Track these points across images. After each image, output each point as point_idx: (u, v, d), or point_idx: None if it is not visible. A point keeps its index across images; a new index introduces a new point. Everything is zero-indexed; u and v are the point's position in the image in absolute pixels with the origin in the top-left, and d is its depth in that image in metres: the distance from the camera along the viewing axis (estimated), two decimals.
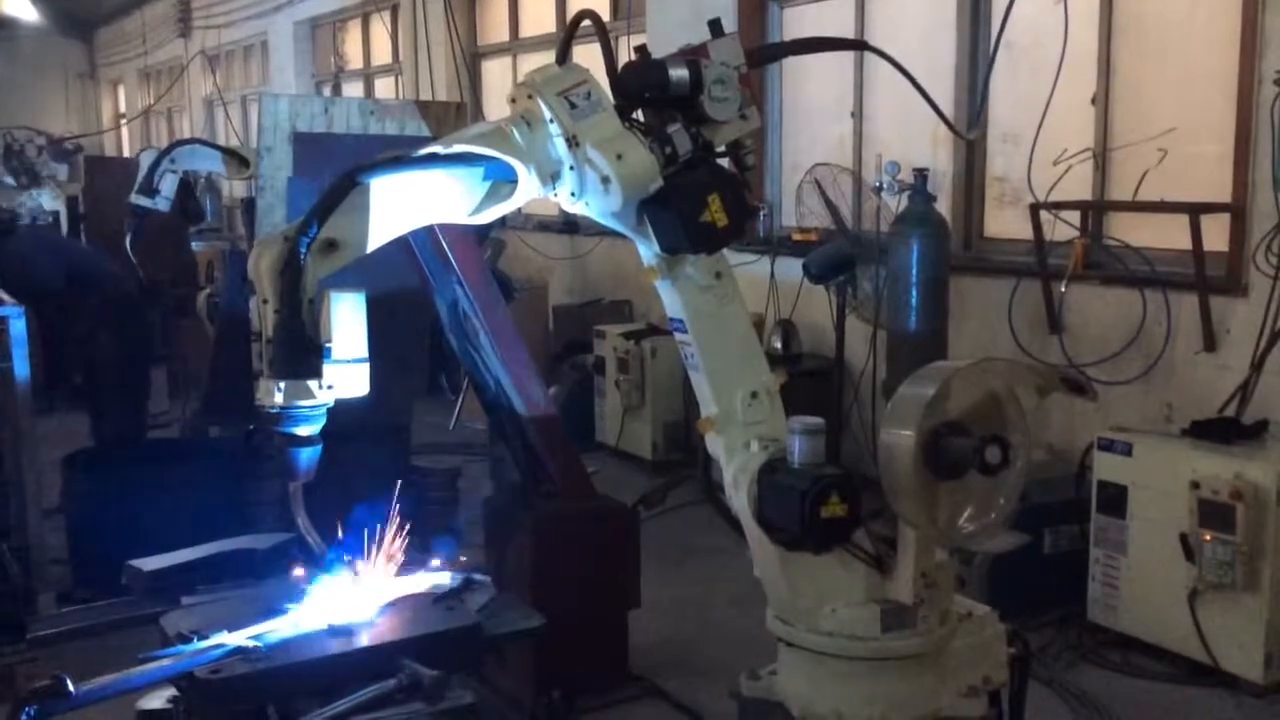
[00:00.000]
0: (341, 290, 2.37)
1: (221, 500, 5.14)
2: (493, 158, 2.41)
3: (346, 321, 2.37)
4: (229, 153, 6.47)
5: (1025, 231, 5.79)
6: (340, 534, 2.69)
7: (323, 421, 2.40)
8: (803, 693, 2.60)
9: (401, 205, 2.40)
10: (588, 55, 2.50)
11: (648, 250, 2.55)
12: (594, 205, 2.47)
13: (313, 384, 2.33)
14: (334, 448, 2.48)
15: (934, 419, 2.39)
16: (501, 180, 2.45)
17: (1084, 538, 4.80)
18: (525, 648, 3.77)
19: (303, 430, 2.37)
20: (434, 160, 2.39)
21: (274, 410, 2.34)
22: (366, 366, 2.40)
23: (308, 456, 2.41)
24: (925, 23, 6.59)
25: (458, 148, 2.40)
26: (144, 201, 6.16)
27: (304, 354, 2.31)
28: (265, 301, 2.30)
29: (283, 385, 2.32)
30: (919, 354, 5.10)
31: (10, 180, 12.34)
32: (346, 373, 2.37)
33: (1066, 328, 5.69)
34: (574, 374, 8.10)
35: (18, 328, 4.66)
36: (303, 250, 2.26)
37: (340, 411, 2.42)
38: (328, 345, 2.34)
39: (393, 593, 2.71)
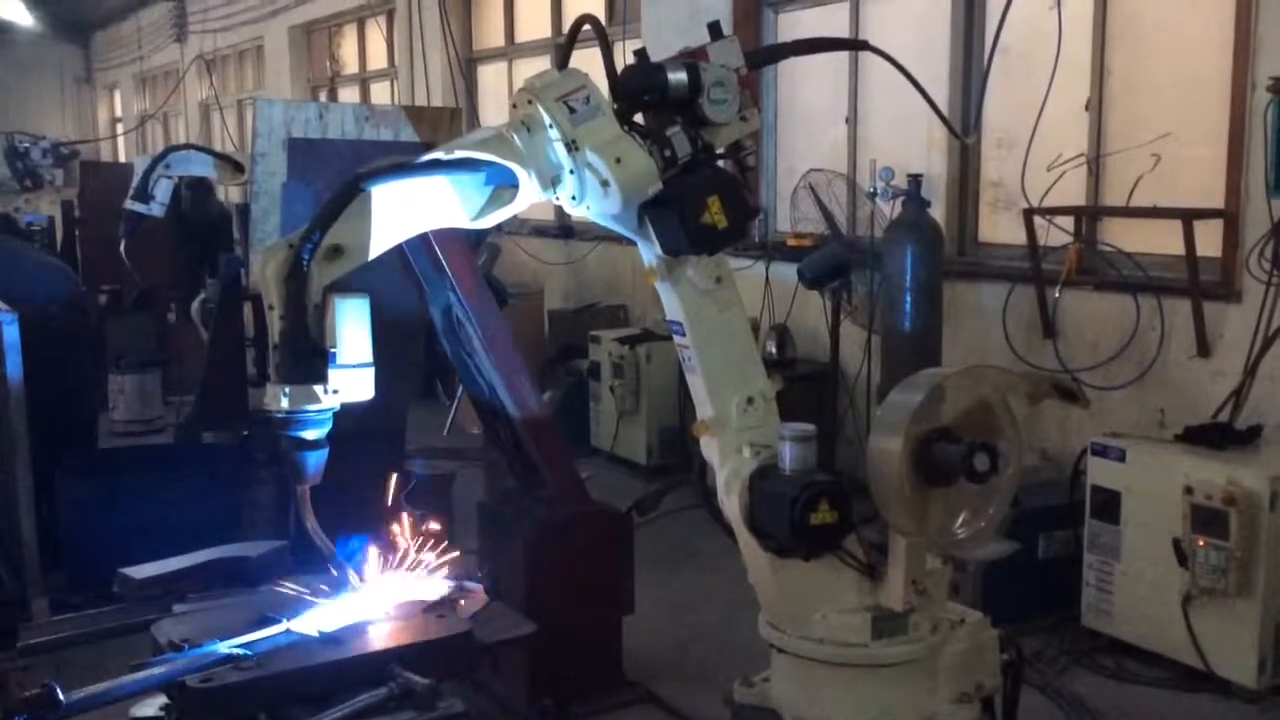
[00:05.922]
0: (346, 296, 2.38)
1: (215, 507, 5.12)
2: (494, 163, 2.42)
3: (351, 326, 2.40)
4: (223, 158, 6.47)
5: (1019, 237, 5.79)
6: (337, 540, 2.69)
7: (329, 426, 2.41)
8: (795, 699, 2.61)
9: (404, 211, 2.42)
10: (587, 60, 2.50)
11: (649, 252, 2.56)
12: (595, 208, 2.48)
13: (318, 389, 2.35)
14: (330, 452, 2.48)
15: (922, 426, 2.39)
16: (503, 185, 2.46)
17: (1078, 543, 4.80)
18: (519, 654, 3.77)
19: (309, 435, 2.39)
20: (436, 166, 2.40)
21: (280, 415, 2.36)
22: (371, 371, 2.42)
23: (315, 460, 2.43)
24: (920, 28, 6.60)
25: (459, 153, 2.41)
26: (138, 207, 6.16)
27: (309, 359, 2.34)
28: (271, 308, 2.32)
29: (289, 390, 2.33)
30: (913, 359, 5.10)
31: (15, 184, 12.30)
32: (352, 377, 2.40)
33: (1060, 333, 5.69)
34: (569, 379, 8.09)
35: (11, 333, 4.64)
36: (306, 257, 2.28)
37: (335, 416, 2.43)
38: (333, 350, 2.36)
39: (386, 600, 2.70)
